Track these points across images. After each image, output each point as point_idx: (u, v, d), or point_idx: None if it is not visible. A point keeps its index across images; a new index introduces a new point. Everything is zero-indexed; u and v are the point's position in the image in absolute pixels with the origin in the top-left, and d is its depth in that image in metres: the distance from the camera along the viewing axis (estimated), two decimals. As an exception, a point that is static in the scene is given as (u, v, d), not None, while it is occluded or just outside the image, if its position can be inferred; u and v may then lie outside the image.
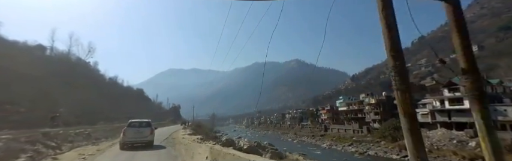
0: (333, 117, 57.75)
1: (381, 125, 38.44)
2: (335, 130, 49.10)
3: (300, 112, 73.43)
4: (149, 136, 11.52)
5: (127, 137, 11.06)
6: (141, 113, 51.84)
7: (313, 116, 61.33)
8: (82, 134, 14.93)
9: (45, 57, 33.40)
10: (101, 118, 26.99)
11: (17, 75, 22.55)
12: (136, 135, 11.26)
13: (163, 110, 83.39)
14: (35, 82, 24.21)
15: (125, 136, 11.04)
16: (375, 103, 43.70)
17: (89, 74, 43.91)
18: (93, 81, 41.37)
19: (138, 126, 11.77)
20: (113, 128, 20.51)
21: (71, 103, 25.39)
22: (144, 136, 11.39)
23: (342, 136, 44.39)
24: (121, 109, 41.82)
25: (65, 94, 26.11)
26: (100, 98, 37.35)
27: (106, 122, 25.55)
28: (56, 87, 26.21)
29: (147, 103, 71.68)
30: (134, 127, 11.60)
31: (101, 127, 20.67)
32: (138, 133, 11.34)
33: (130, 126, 11.60)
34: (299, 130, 60.48)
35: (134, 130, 11.43)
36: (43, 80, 25.18)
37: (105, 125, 22.89)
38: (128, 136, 11.09)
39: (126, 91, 61.97)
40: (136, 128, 11.60)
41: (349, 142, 39.66)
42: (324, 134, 49.23)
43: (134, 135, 11.22)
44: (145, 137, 11.39)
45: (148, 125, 12.06)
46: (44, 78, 25.57)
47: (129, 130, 11.30)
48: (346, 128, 46.85)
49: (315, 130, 54.65)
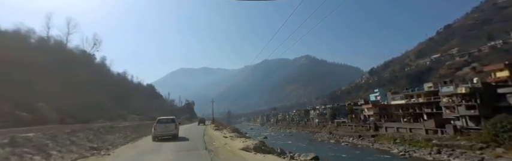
0: (381, 113, 46.83)
1: (480, 123, 27.95)
2: (391, 129, 38.66)
3: (330, 107, 64.42)
4: (174, 130, 13.81)
5: (157, 131, 13.16)
6: (151, 111, 47.33)
7: (353, 113, 51.31)
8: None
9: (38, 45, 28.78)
10: (100, 115, 22.10)
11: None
12: (164, 129, 13.43)
13: (175, 107, 79.03)
14: (20, 72, 19.43)
15: (156, 131, 13.14)
16: (465, 92, 30.40)
17: (93, 67, 39.43)
18: (97, 75, 36.77)
19: (165, 122, 13.89)
20: (107, 130, 15.11)
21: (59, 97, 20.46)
22: (170, 130, 13.63)
23: (408, 137, 33.78)
24: (129, 106, 37.23)
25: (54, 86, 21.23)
26: (104, 93, 32.68)
27: (107, 120, 20.70)
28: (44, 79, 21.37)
29: (159, 100, 67.45)
30: (162, 123, 13.72)
31: (90, 126, 15.24)
32: (166, 128, 13.51)
33: (159, 122, 13.70)
34: (335, 129, 51.02)
35: (162, 125, 13.57)
36: (30, 70, 20.33)
37: (101, 124, 18.03)
38: (158, 130, 13.21)
39: (136, 87, 57.65)
40: (164, 123, 13.74)
41: (428, 146, 28.85)
42: (375, 134, 39.26)
43: (162, 129, 13.36)
44: (171, 131, 13.63)
45: (173, 121, 14.23)
46: (31, 68, 20.75)
47: (158, 126, 13.40)
48: (411, 128, 35.77)
49: (359, 129, 44.88)
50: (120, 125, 17.74)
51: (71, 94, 22.33)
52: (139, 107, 40.74)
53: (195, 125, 35.82)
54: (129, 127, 18.18)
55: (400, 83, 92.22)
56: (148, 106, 47.99)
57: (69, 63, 27.93)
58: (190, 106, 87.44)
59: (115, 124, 18.28)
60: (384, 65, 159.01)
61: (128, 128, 17.60)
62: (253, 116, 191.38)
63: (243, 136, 16.77)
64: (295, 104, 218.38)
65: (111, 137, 12.66)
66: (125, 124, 19.63)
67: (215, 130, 21.19)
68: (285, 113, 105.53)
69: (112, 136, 13.39)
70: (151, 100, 57.73)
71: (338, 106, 62.10)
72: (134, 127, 18.71)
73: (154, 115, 39.77)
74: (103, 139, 11.59)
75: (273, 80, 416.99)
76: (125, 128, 17.41)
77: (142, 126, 20.24)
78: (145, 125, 20.83)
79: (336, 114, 56.97)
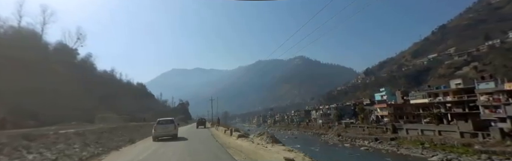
0: (395, 113, 42.59)
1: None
2: (413, 132, 34.08)
3: (334, 107, 60.64)
4: (173, 131, 14.90)
5: (157, 132, 14.08)
6: (141, 111, 43.65)
7: (364, 113, 46.72)
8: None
9: (7, 36, 24.85)
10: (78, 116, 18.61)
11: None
12: (164, 130, 14.44)
13: (168, 108, 74.90)
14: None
15: (156, 131, 14.05)
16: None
17: (75, 64, 35.51)
18: (80, 72, 32.92)
19: (164, 123, 14.94)
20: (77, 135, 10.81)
21: (25, 96, 16.90)
22: (170, 130, 14.69)
23: (438, 141, 29.21)
24: (115, 106, 33.51)
25: (18, 84, 17.65)
26: (88, 92, 28.99)
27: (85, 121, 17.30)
28: (9, 75, 17.77)
29: (150, 100, 63.46)
30: (162, 124, 14.74)
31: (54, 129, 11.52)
32: (165, 129, 14.54)
33: (159, 123, 14.70)
34: (343, 130, 46.11)
35: (162, 126, 14.59)
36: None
37: (69, 125, 14.35)
38: (158, 131, 14.11)
39: (125, 86, 53.62)
40: (164, 125, 14.77)
41: (470, 153, 24.51)
42: (394, 137, 34.72)
43: (162, 130, 14.35)
44: (170, 131, 14.69)
45: (172, 122, 15.43)
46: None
47: (158, 127, 14.34)
48: (441, 130, 31.07)
49: (374, 131, 40.18)
50: (69, 131, 11.80)
51: (42, 92, 18.78)
52: (128, 108, 37.12)
53: (193, 127, 29.85)
54: (92, 132, 13.06)
55: (399, 82, 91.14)
56: (138, 106, 44.24)
57: (44, 58, 24.22)
58: (184, 106, 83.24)
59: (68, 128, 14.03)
60: (379, 66, 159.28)
61: (87, 135, 11.95)
62: (248, 117, 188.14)
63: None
64: (291, 104, 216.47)
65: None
66: (91, 128, 15.11)
67: (237, 137, 12.69)
68: (283, 114, 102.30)
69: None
70: (141, 100, 53.89)
71: (343, 106, 59.03)
72: (107, 132, 14.35)
73: (144, 116, 36.31)
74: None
75: (267, 80, 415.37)
76: (76, 136, 11.20)
77: (123, 129, 16.34)
78: (127, 128, 17.28)
79: (342, 114, 53.49)
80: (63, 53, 31.50)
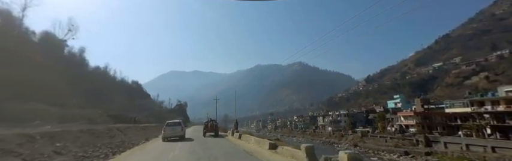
0: (423, 123, 37.30)
1: None
2: (452, 146, 29.08)
3: (345, 114, 55.72)
4: (181, 132, 16.38)
5: (166, 133, 15.56)
6: (135, 112, 40.32)
7: (385, 121, 41.31)
8: None
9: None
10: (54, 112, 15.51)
11: None
12: (172, 131, 15.87)
13: (165, 109, 71.14)
14: None
15: (165, 132, 15.54)
16: None
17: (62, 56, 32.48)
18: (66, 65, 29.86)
19: (173, 125, 16.39)
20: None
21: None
22: (178, 131, 16.14)
23: (494, 160, 23.65)
24: (105, 104, 30.31)
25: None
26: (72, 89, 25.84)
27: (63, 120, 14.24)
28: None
29: (146, 100, 59.97)
30: (170, 126, 16.17)
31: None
32: (173, 130, 15.98)
33: (167, 125, 16.17)
34: (360, 140, 40.87)
35: (170, 128, 15.98)
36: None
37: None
38: (167, 132, 15.59)
39: (119, 84, 50.35)
40: (172, 126, 16.18)
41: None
42: (429, 151, 29.60)
43: (171, 131, 15.80)
44: (178, 132, 16.14)
45: (179, 124, 16.92)
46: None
47: (167, 128, 15.81)
48: (496, 146, 25.47)
49: (400, 143, 34.75)
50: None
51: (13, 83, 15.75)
52: (120, 107, 33.91)
53: (195, 133, 22.33)
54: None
55: (403, 90, 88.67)
56: (131, 106, 40.97)
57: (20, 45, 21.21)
58: (182, 108, 79.09)
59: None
60: (380, 73, 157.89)
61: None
62: (246, 121, 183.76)
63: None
64: (289, 109, 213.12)
65: None
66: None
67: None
68: (285, 119, 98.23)
69: None
70: (135, 100, 50.57)
71: (354, 113, 55.11)
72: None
73: (136, 116, 33.06)
74: None
75: (265, 85, 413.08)
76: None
77: (90, 136, 11.62)
78: (96, 134, 12.49)
79: (356, 122, 49.62)
80: (48, 44, 28.47)
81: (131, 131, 19.16)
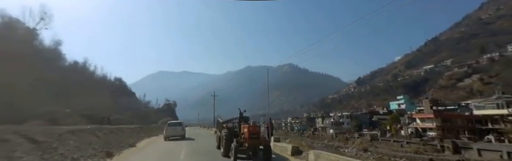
0: (444, 127, 33.82)
1: None
2: (488, 153, 24.02)
3: (348, 115, 52.12)
4: (181, 132, 17.42)
5: (168, 132, 16.56)
6: (118, 112, 36.34)
7: (399, 123, 38.18)
8: None
9: None
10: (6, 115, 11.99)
11: None
12: (173, 131, 16.92)
13: (152, 109, 66.43)
14: None
15: (167, 132, 16.57)
16: None
17: (32, 47, 28.28)
18: (36, 58, 25.80)
19: (174, 125, 17.66)
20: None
21: None
22: (178, 131, 17.18)
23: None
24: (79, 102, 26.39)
25: None
26: (40, 83, 21.96)
27: (19, 120, 10.79)
28: None
29: (131, 99, 55.49)
30: (172, 126, 17.35)
31: None
32: (174, 130, 17.03)
33: (169, 125, 17.41)
34: (370, 144, 35.33)
35: (172, 128, 17.10)
36: None
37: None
38: (168, 132, 16.62)
39: (99, 81, 45.90)
40: (173, 126, 17.37)
41: None
42: (460, 159, 23.92)
43: (172, 131, 16.82)
44: (179, 132, 17.18)
45: (180, 124, 18.29)
46: None
47: (169, 128, 16.88)
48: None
49: (421, 149, 29.80)
50: None
51: None
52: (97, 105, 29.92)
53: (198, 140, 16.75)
54: None
55: (396, 92, 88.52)
56: (111, 105, 36.90)
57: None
58: (171, 108, 74.19)
59: None
60: (371, 75, 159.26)
61: None
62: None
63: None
64: (280, 111, 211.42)
65: None
66: None
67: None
68: (279, 121, 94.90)
69: None
70: (120, 98, 46.28)
71: (357, 114, 52.03)
72: None
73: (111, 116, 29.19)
74: None
75: (256, 86, 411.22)
76: None
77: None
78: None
79: (361, 124, 46.33)
80: (12, 32, 24.36)
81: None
